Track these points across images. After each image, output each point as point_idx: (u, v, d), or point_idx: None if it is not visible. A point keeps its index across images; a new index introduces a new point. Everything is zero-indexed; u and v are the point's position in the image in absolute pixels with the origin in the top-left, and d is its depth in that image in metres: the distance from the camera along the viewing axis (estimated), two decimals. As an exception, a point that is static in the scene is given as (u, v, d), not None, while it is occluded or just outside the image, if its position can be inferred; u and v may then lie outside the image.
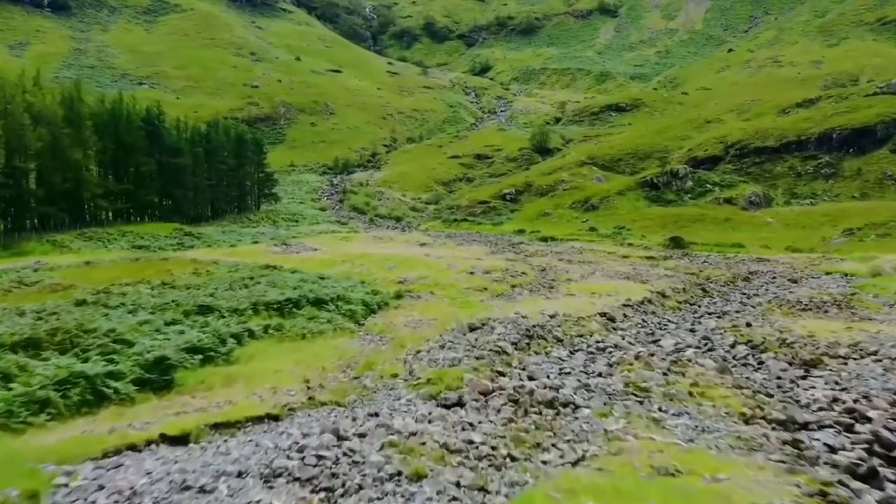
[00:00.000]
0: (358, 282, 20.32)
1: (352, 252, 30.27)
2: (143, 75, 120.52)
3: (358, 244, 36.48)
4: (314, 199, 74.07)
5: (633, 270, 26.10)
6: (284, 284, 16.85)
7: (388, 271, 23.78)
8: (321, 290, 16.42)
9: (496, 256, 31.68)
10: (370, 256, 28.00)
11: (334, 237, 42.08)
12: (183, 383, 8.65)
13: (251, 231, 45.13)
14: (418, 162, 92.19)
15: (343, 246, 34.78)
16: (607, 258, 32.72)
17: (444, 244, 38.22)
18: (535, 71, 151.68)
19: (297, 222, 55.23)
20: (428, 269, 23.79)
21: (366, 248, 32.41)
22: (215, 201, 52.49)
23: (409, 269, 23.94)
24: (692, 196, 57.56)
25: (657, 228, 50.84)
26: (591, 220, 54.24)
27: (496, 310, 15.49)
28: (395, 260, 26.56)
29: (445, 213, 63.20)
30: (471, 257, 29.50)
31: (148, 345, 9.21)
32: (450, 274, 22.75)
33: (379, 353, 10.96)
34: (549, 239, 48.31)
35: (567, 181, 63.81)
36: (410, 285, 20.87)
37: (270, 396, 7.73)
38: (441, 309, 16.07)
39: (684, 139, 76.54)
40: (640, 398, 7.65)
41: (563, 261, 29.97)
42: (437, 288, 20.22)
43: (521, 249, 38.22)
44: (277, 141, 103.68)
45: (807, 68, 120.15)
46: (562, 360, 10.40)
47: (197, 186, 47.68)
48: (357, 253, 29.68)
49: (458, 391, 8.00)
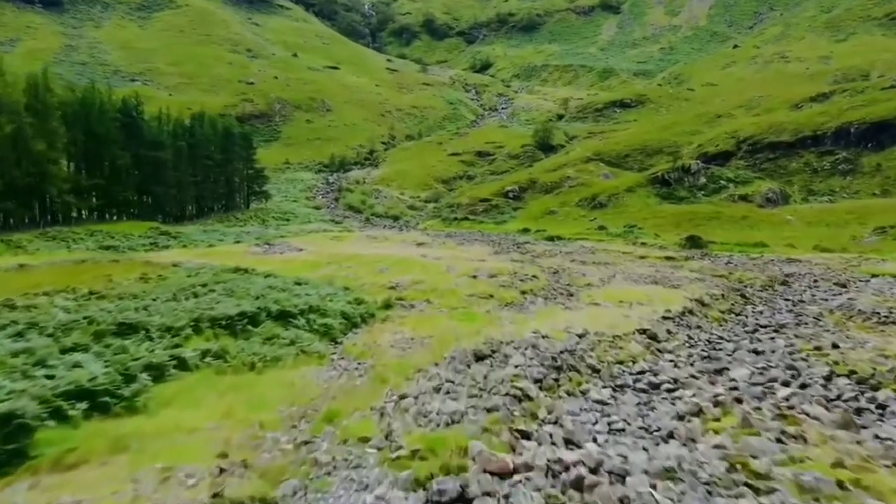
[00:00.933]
0: (341, 288, 17.29)
1: (341, 253, 27.23)
2: (136, 72, 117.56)
3: (349, 244, 33.47)
4: (308, 198, 71.02)
5: (656, 273, 23.05)
6: (245, 293, 13.76)
7: (379, 275, 20.76)
8: (291, 299, 13.35)
9: (501, 257, 28.65)
10: (360, 257, 24.96)
11: (325, 236, 39.05)
12: (40, 454, 5.66)
13: (236, 230, 42.11)
14: (417, 159, 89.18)
15: (332, 246, 31.76)
16: (623, 259, 29.67)
17: (444, 244, 35.18)
18: (537, 68, 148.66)
19: (289, 221, 52.22)
20: (424, 273, 20.76)
21: (357, 249, 29.36)
22: (200, 199, 49.43)
23: (403, 272, 20.91)
24: (706, 193, 54.51)
25: (670, 227, 47.80)
26: (599, 219, 51.21)
27: (507, 324, 12.46)
28: (387, 261, 23.51)
29: (445, 211, 60.19)
30: (473, 258, 26.44)
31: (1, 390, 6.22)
32: (449, 278, 19.72)
33: (351, 392, 7.92)
34: (555, 238, 45.29)
35: (573, 178, 60.77)
36: (403, 291, 17.86)
37: (151, 492, 4.71)
38: (438, 323, 13.04)
39: (694, 134, 73.50)
40: (763, 493, 4.62)
41: (577, 262, 26.91)
42: (434, 295, 17.20)
43: (527, 249, 35.20)
44: (272, 138, 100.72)
45: (815, 64, 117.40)
46: (605, 404, 7.37)
47: (179, 182, 44.56)
48: (346, 254, 26.65)
49: (459, 476, 4.98)
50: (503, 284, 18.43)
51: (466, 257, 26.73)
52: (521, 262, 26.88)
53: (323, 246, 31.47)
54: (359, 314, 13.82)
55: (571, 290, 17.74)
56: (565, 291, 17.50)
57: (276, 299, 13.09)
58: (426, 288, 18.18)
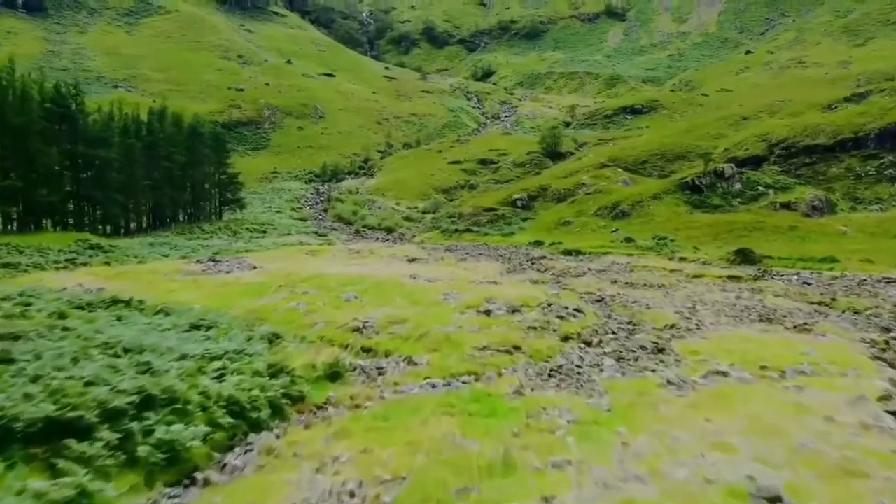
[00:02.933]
0: (267, 335, 10.44)
1: (302, 272, 20.38)
2: (120, 78, 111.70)
3: (323, 260, 26.65)
4: (294, 208, 64.34)
5: (749, 302, 16.17)
6: (63, 359, 6.93)
7: (342, 307, 13.95)
8: (120, 377, 6.49)
9: (516, 277, 21.81)
10: (325, 279, 18.13)
11: (298, 251, 32.21)
12: None
13: (196, 243, 35.35)
14: (415, 168, 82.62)
15: (299, 263, 24.92)
16: (674, 279, 22.77)
17: (442, 260, 28.33)
18: (541, 75, 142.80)
19: (265, 233, 45.48)
20: (410, 303, 13.96)
21: (328, 267, 22.54)
22: (158, 206, 42.64)
23: (379, 303, 14.10)
24: (742, 200, 47.77)
25: (707, 239, 40.98)
26: (622, 229, 44.39)
27: (569, 443, 5.55)
28: (360, 285, 16.68)
29: (445, 222, 53.40)
30: (480, 279, 19.56)
31: None
32: (446, 312, 12.86)
33: None
34: (574, 252, 38.45)
35: (588, 184, 54.05)
36: (371, 338, 11.08)
37: None
38: (421, 430, 6.16)
39: (718, 138, 66.89)
40: None
41: (620, 285, 20.03)
42: (421, 345, 10.43)
43: (545, 266, 28.38)
44: (260, 146, 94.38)
45: (834, 68, 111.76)
46: None
47: (129, 187, 37.72)
48: (309, 273, 19.80)
49: None
50: (533, 325, 11.53)
51: (471, 278, 19.84)
52: (545, 284, 20.05)
53: (288, 263, 24.65)
54: (267, 402, 6.94)
55: (652, 340, 10.79)
56: (643, 345, 10.54)
57: (100, 376, 6.23)
58: (410, 331, 11.34)
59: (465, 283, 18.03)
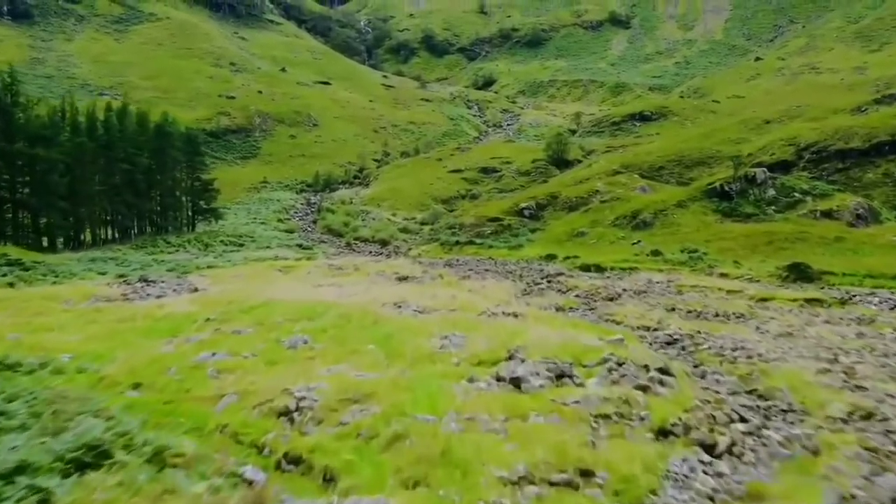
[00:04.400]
0: (81, 444, 5.08)
1: (255, 297, 15.19)
2: (107, 85, 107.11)
3: (292, 280, 21.48)
4: (281, 219, 59.28)
5: (873, 342, 10.94)
6: None
7: (280, 359, 8.72)
8: None
9: (536, 303, 16.64)
10: (276, 309, 12.98)
11: (270, 267, 27.04)
12: None
13: (153, 258, 30.19)
14: (413, 177, 77.65)
15: (260, 284, 19.74)
16: (738, 302, 17.53)
17: (440, 278, 23.10)
18: (544, 83, 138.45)
19: (242, 246, 40.36)
20: (385, 355, 8.75)
21: (293, 289, 17.38)
22: (117, 216, 37.45)
23: (338, 354, 8.90)
24: (777, 208, 42.66)
25: (744, 251, 35.81)
26: (645, 241, 39.22)
27: None
28: (320, 320, 11.50)
29: (445, 234, 48.23)
30: (490, 306, 14.35)
31: None
32: (443, 379, 7.62)
33: None
34: (594, 267, 33.31)
35: (603, 192, 48.99)
36: (304, 433, 6.01)
37: None
38: None
39: (740, 143, 61.93)
40: None
41: (679, 313, 14.81)
42: (391, 464, 5.12)
43: (565, 285, 23.21)
44: (250, 155, 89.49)
45: (850, 74, 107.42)
46: None
47: (77, 193, 32.53)
48: (261, 300, 14.63)
49: None
50: (603, 412, 6.24)
51: (478, 305, 14.61)
52: (574, 311, 14.93)
53: (242, 284, 19.47)
54: None
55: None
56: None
57: None
58: (375, 424, 6.17)
59: (471, 314, 12.76)
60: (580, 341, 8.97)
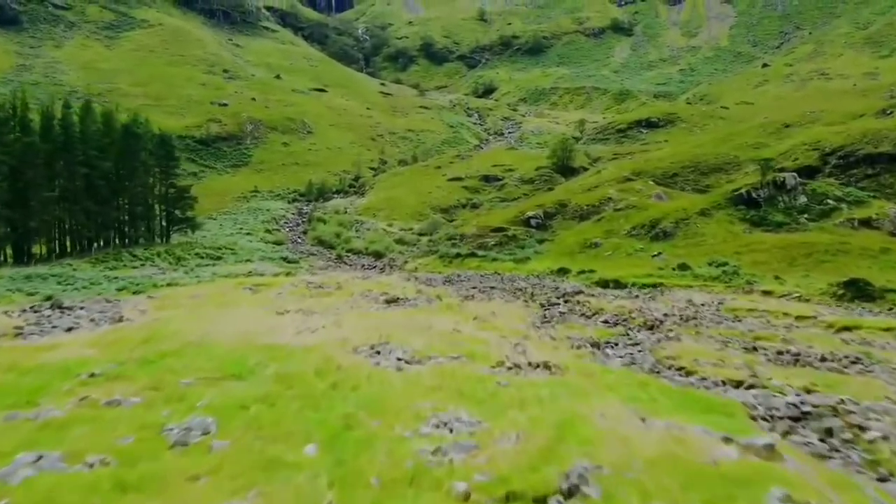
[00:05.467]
0: None
1: (189, 334, 11.03)
2: (95, 93, 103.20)
3: (255, 305, 17.41)
4: (269, 230, 55.31)
5: None
6: None
7: (147, 474, 4.46)
8: None
9: (567, 336, 12.56)
10: (200, 356, 8.77)
11: (238, 285, 23.03)
12: None
13: (109, 275, 26.17)
14: (411, 185, 73.81)
15: (212, 310, 15.72)
16: (817, 333, 13.49)
17: (438, 300, 19.08)
18: (546, 91, 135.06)
19: (220, 259, 36.35)
20: (333, 482, 4.45)
21: (245, 320, 13.29)
22: (76, 226, 33.34)
23: (245, 470, 4.61)
24: (811, 216, 38.71)
25: (780, 265, 31.80)
26: (666, 253, 35.22)
27: None
28: (249, 382, 7.36)
29: (444, 245, 44.21)
30: (509, 352, 10.27)
31: None
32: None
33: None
34: (614, 283, 29.32)
35: (616, 199, 45.06)
36: None
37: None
38: None
39: (758, 147, 58.09)
40: None
41: (765, 355, 10.75)
42: None
43: (589, 306, 19.31)
44: (241, 163, 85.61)
45: (861, 80, 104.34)
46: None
47: (29, 199, 28.35)
48: (193, 339, 10.41)
49: None
50: None
51: (488, 344, 10.52)
52: (618, 349, 10.93)
53: (191, 310, 15.40)
54: None
55: None
56: None
57: None
58: None
59: (482, 365, 8.66)
60: (692, 444, 4.96)
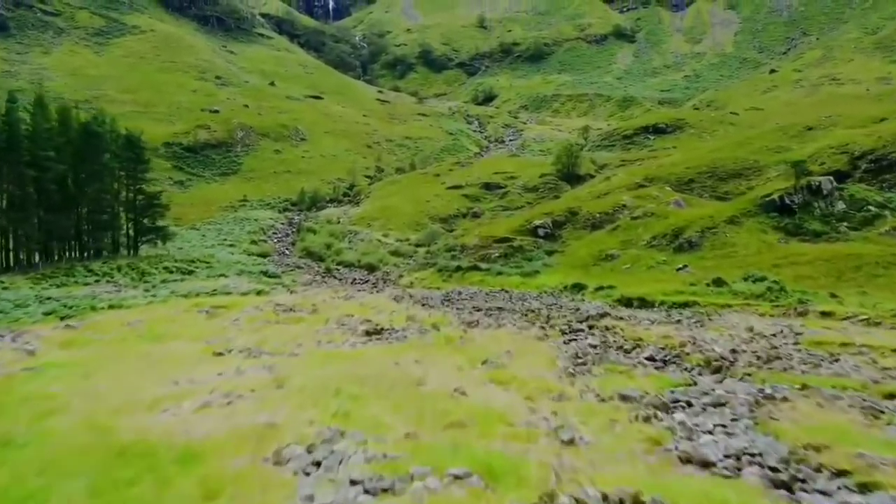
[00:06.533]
0: None
1: (44, 404, 6.72)
2: (81, 99, 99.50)
3: (194, 338, 13.20)
4: (255, 241, 51.29)
5: None
6: None
7: None
8: None
9: (612, 392, 8.28)
10: None
11: (194, 307, 18.95)
12: None
13: (37, 294, 22.09)
14: (408, 193, 69.89)
15: (137, 347, 11.43)
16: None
17: (434, 330, 14.90)
18: (547, 98, 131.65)
19: (191, 274, 32.28)
20: None
21: (156, 369, 9.05)
22: (20, 236, 29.19)
23: None
24: (850, 224, 34.71)
25: (826, 279, 27.74)
26: (692, 266, 31.17)
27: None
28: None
29: (443, 257, 40.14)
30: (539, 407, 6.02)
31: None
32: None
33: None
34: (636, 301, 25.25)
35: (631, 206, 41.07)
36: None
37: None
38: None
39: (780, 151, 54.20)
40: None
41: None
42: None
43: (622, 335, 15.30)
44: (230, 171, 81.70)
45: (875, 85, 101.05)
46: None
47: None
48: (21, 426, 6.09)
49: None
50: None
51: (509, 413, 6.20)
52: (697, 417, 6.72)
53: (99, 351, 11.13)
54: None
55: None
56: None
57: None
58: None
59: (505, 487, 4.35)
60: None
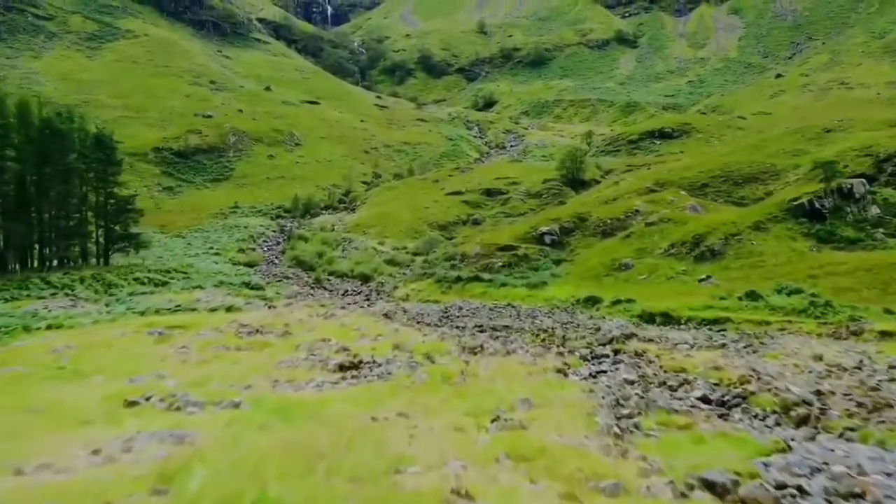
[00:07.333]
0: None
1: None
2: (71, 103, 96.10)
3: (117, 374, 9.94)
4: (242, 250, 48.37)
5: None
6: None
7: None
8: None
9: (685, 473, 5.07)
10: None
11: (146, 327, 16.00)
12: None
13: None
14: (406, 200, 66.99)
15: (28, 393, 8.19)
16: None
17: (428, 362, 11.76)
18: (549, 104, 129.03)
19: (164, 286, 29.33)
20: None
21: (18, 445, 5.82)
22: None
23: None
24: (887, 231, 31.75)
25: (870, 291, 24.79)
26: (716, 276, 28.20)
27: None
28: None
29: (442, 267, 37.15)
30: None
31: None
32: None
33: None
34: (658, 317, 22.29)
35: (645, 211, 38.13)
36: None
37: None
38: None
39: (797, 155, 51.38)
40: None
41: None
42: None
43: (660, 365, 12.39)
44: (222, 177, 78.86)
45: (885, 89, 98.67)
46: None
47: None
48: None
49: None
50: None
51: None
52: None
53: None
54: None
55: None
56: None
57: None
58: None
59: None
60: None
